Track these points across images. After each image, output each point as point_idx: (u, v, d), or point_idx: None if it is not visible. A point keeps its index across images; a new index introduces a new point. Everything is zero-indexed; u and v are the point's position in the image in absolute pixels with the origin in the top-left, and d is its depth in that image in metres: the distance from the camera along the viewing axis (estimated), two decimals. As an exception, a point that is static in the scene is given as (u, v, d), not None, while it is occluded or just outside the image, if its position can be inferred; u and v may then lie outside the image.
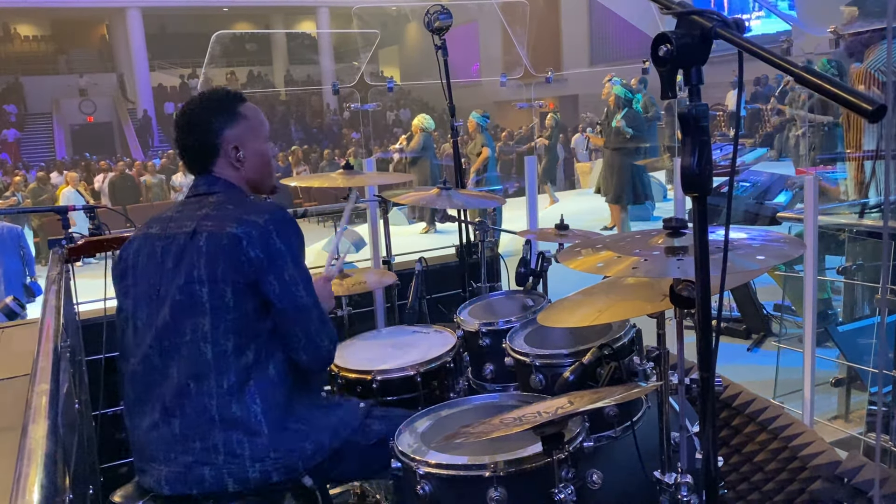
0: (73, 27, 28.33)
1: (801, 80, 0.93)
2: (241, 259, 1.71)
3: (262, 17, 29.68)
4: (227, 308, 1.72)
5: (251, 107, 1.95)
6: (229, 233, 1.73)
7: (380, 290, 3.24)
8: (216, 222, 1.76)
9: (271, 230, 1.74)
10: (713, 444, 1.26)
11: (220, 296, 1.72)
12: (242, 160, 1.89)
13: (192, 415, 1.72)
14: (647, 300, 1.68)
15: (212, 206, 1.81)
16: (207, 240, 1.74)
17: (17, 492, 0.99)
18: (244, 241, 1.72)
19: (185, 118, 1.89)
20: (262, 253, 1.72)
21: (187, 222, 1.79)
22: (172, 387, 1.74)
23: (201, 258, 1.73)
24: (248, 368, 1.74)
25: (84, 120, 25.95)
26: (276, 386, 1.77)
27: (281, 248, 1.74)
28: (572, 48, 23.68)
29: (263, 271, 1.73)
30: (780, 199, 4.86)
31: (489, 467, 1.56)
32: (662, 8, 1.11)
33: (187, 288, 1.74)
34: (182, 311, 1.74)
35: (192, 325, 1.73)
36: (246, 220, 1.75)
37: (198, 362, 1.72)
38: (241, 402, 1.72)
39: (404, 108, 24.92)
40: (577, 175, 15.71)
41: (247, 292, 1.73)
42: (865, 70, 3.73)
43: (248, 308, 1.74)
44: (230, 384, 1.72)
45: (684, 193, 1.11)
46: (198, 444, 1.71)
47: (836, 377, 3.60)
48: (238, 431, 1.72)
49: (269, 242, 1.73)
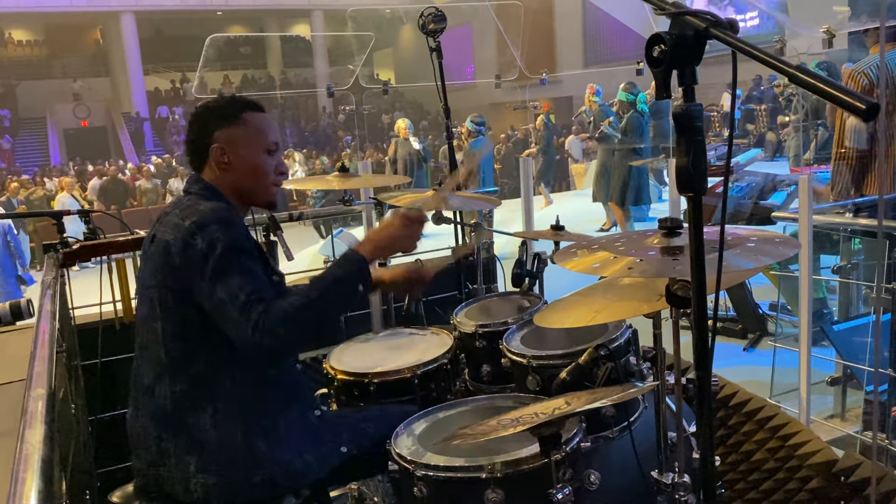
0: (67, 32, 28.25)
1: (794, 79, 0.94)
2: (170, 266, 1.71)
3: (257, 21, 29.65)
4: (171, 315, 1.73)
5: (259, 116, 1.88)
6: (162, 239, 1.73)
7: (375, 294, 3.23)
8: (161, 227, 1.77)
9: (194, 233, 1.68)
10: (710, 443, 1.26)
11: (163, 302, 1.74)
12: (228, 164, 1.84)
13: (152, 415, 1.75)
14: (643, 300, 1.68)
15: (171, 209, 1.81)
16: (153, 245, 1.77)
17: (13, 497, 0.98)
18: (172, 247, 1.71)
19: (193, 115, 1.92)
20: (183, 258, 1.69)
21: (155, 224, 1.82)
22: (143, 386, 1.78)
23: (148, 263, 1.78)
24: (199, 378, 1.73)
25: (78, 124, 25.88)
26: (233, 402, 1.74)
27: (200, 250, 1.67)
28: (566, 50, 23.70)
29: (186, 275, 1.69)
30: (774, 198, 4.88)
31: (486, 469, 1.56)
32: (656, 9, 1.11)
33: (143, 293, 1.79)
34: (142, 314, 1.80)
35: (149, 328, 1.77)
36: (178, 225, 1.72)
37: (157, 364, 1.75)
38: (192, 411, 1.72)
39: (399, 111, 24.92)
40: (573, 176, 15.72)
41: (183, 298, 1.71)
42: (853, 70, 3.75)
43: (190, 314, 1.71)
44: (182, 391, 1.73)
45: (679, 193, 1.11)
46: (154, 445, 1.74)
47: (832, 376, 3.60)
48: (185, 439, 1.72)
49: (189, 246, 1.68)
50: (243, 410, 1.76)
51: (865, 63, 3.67)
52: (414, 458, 1.66)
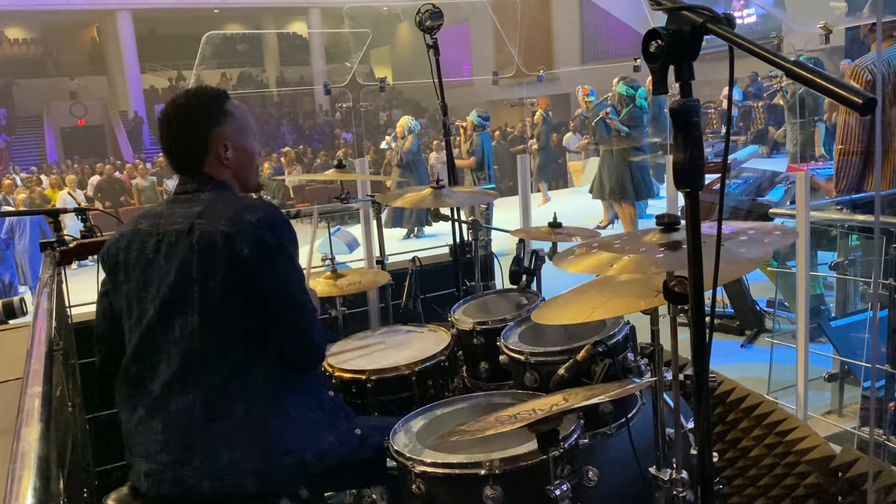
0: (63, 30, 28.20)
1: (792, 74, 0.93)
2: (235, 257, 1.71)
3: (253, 19, 29.60)
4: (216, 307, 1.72)
5: (237, 104, 1.94)
6: (223, 231, 1.72)
7: (374, 290, 3.24)
8: (210, 220, 1.75)
9: (264, 228, 1.74)
10: (708, 439, 1.26)
11: (210, 294, 1.72)
12: (231, 158, 1.88)
13: (176, 413, 1.72)
14: (640, 297, 1.68)
15: (204, 204, 1.79)
16: (200, 238, 1.73)
17: (10, 495, 0.98)
18: (237, 238, 1.71)
19: (173, 116, 1.87)
20: (256, 250, 1.72)
21: (180, 220, 1.78)
22: (159, 384, 1.74)
23: (194, 256, 1.73)
24: (233, 369, 1.73)
25: (75, 123, 25.84)
26: (263, 390, 1.75)
27: (273, 245, 1.74)
28: (564, 46, 23.70)
29: (257, 268, 1.72)
30: (772, 195, 4.88)
31: (485, 465, 1.56)
32: (653, 4, 1.11)
33: (178, 286, 1.73)
34: (172, 308, 1.74)
35: (180, 322, 1.73)
36: (239, 218, 1.74)
37: (184, 360, 1.72)
38: (224, 404, 1.71)
39: (396, 109, 24.91)
40: (570, 173, 15.72)
41: (237, 290, 1.72)
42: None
43: (237, 307, 1.73)
44: (214, 384, 1.72)
45: (676, 189, 1.11)
46: (178, 443, 1.71)
47: (830, 372, 3.61)
48: (217, 433, 1.70)
49: (262, 240, 1.73)
50: (274, 396, 1.77)
51: (869, 59, 3.65)
52: (412, 455, 1.66)
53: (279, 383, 1.79)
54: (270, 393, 1.77)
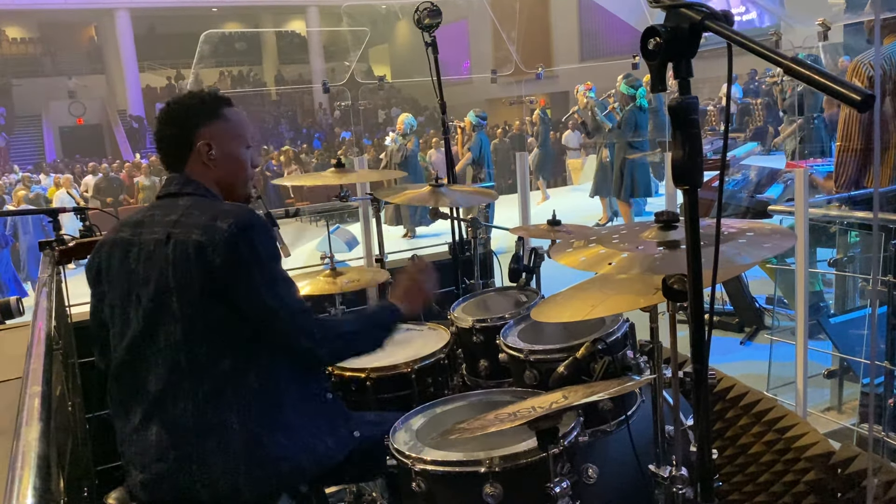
0: (62, 29, 28.17)
1: (790, 71, 0.93)
2: (207, 267, 1.68)
3: (252, 17, 29.57)
4: (197, 316, 1.70)
5: (236, 112, 1.92)
6: (195, 240, 1.69)
7: (373, 288, 3.23)
8: (184, 229, 1.72)
9: (236, 235, 1.69)
10: (707, 436, 1.27)
11: (189, 304, 1.69)
12: (214, 159, 1.85)
13: (168, 422, 1.70)
14: (639, 294, 1.68)
15: (181, 211, 1.77)
16: (174, 248, 1.71)
17: (10, 495, 0.98)
18: (209, 248, 1.68)
19: (166, 110, 1.88)
20: (227, 260, 1.68)
21: (157, 228, 1.76)
22: (150, 394, 1.72)
23: (169, 266, 1.70)
24: (224, 376, 1.70)
25: (74, 122, 25.82)
26: (257, 396, 1.73)
27: (245, 254, 1.69)
28: (562, 44, 23.71)
29: (229, 278, 1.69)
30: (771, 191, 4.88)
31: (484, 463, 1.56)
32: (651, 2, 1.11)
33: (157, 296, 1.71)
34: (154, 318, 1.72)
35: (164, 332, 1.71)
36: (211, 226, 1.70)
37: (172, 370, 1.70)
38: (217, 411, 1.69)
39: (395, 107, 24.90)
40: (569, 171, 15.72)
41: (215, 300, 1.70)
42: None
43: (219, 315, 1.71)
44: (205, 392, 1.69)
45: (675, 186, 1.11)
46: (172, 452, 1.69)
47: (829, 369, 3.61)
48: (211, 441, 1.69)
49: (233, 249, 1.68)
50: (269, 402, 1.75)
51: (871, 54, 3.64)
52: (412, 453, 1.66)
53: (274, 391, 1.76)
54: (264, 401, 1.74)
